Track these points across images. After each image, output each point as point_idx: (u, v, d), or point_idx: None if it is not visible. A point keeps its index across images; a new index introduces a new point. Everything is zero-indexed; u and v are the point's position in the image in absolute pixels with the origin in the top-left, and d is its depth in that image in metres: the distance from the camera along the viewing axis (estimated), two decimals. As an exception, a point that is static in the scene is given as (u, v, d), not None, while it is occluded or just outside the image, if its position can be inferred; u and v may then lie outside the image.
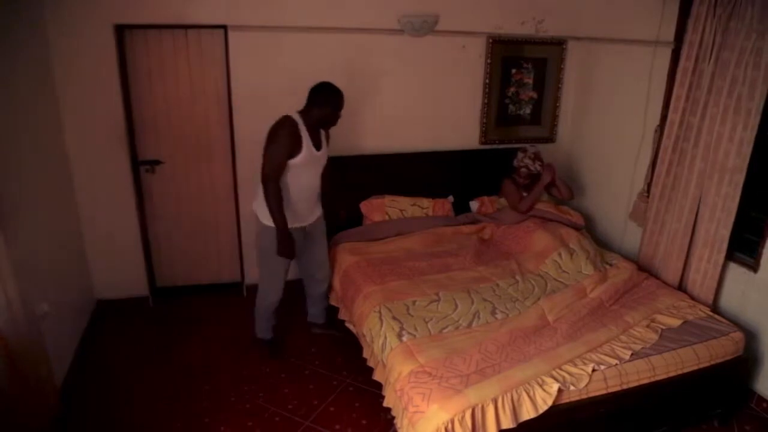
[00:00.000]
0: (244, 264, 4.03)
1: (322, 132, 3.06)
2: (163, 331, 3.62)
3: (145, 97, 3.57)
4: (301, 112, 2.93)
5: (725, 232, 3.01)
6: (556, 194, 3.89)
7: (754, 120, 2.81)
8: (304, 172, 2.95)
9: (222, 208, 3.93)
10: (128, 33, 3.42)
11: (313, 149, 2.93)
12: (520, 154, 3.79)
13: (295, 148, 2.83)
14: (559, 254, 3.38)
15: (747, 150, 2.86)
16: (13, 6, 2.73)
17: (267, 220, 2.95)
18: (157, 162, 3.72)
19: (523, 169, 3.76)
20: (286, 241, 2.90)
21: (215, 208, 3.93)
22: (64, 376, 2.96)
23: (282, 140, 2.80)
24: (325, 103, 2.91)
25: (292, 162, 2.85)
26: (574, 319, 2.78)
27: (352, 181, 3.77)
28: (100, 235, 3.64)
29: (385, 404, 2.52)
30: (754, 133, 2.82)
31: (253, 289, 4.03)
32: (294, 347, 3.46)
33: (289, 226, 2.91)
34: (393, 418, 2.45)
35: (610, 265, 3.44)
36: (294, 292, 4.06)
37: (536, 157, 3.75)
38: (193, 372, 3.18)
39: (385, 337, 2.65)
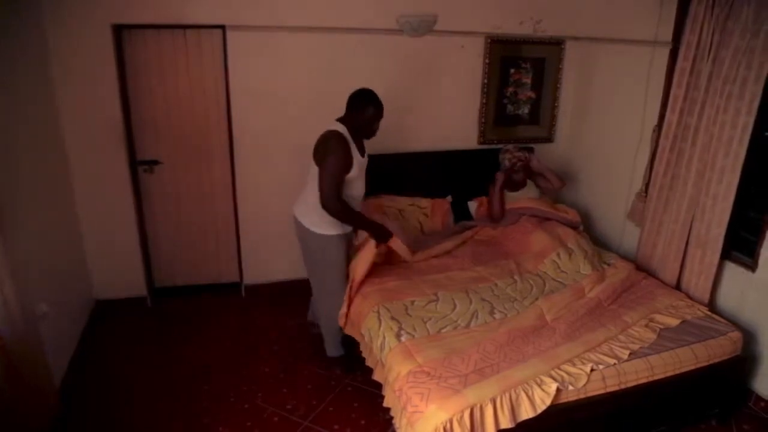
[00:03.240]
0: (242, 264, 4.03)
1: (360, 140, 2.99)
2: (162, 331, 3.63)
3: (143, 97, 3.57)
4: (344, 122, 2.86)
5: (719, 232, 3.01)
6: (546, 185, 3.88)
7: (745, 119, 2.81)
8: (355, 183, 2.89)
9: (220, 208, 3.93)
10: (127, 33, 3.42)
11: (360, 157, 2.87)
12: (501, 156, 3.86)
13: (349, 164, 2.77)
14: (558, 255, 3.38)
15: (738, 150, 2.86)
16: (12, 6, 2.73)
17: (324, 230, 2.88)
18: (155, 162, 3.72)
19: (507, 163, 3.81)
20: (380, 229, 3.01)
21: (214, 208, 3.92)
22: (63, 376, 2.96)
23: (340, 161, 2.73)
24: (365, 111, 2.84)
25: (347, 177, 2.81)
26: (572, 319, 2.79)
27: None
28: (98, 235, 3.64)
29: (385, 404, 2.53)
30: (747, 132, 2.82)
31: (252, 289, 4.06)
32: (293, 347, 3.46)
33: (339, 232, 2.93)
34: (392, 418, 2.46)
35: (608, 264, 3.45)
36: (293, 291, 4.08)
37: (506, 150, 3.83)
38: (192, 372, 3.18)
39: (384, 337, 2.65)
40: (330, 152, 2.73)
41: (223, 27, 3.47)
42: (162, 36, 3.47)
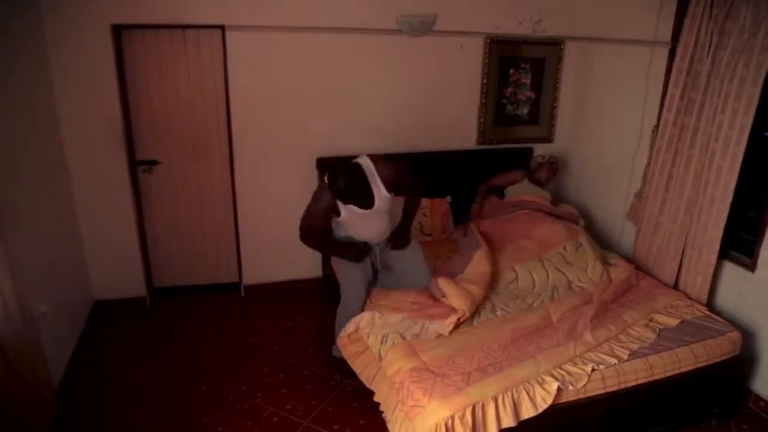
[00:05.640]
0: (242, 264, 4.02)
1: (376, 179, 2.68)
2: (162, 331, 3.62)
3: (142, 97, 3.56)
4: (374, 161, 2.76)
5: (716, 234, 3.01)
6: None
7: (743, 120, 2.81)
8: (357, 226, 2.84)
9: (220, 208, 3.92)
10: (126, 33, 3.41)
11: (357, 210, 2.69)
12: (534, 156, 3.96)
13: (332, 211, 2.72)
14: (565, 248, 3.37)
15: (736, 150, 2.86)
16: (11, 6, 2.72)
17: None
18: (154, 162, 3.72)
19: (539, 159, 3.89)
20: (352, 253, 2.93)
21: (213, 208, 3.92)
22: (61, 376, 2.96)
23: (314, 209, 2.74)
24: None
25: (337, 220, 2.80)
26: (575, 319, 2.79)
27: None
28: (97, 235, 3.63)
29: (376, 399, 2.55)
30: (745, 133, 2.81)
31: (252, 289, 4.06)
32: (292, 347, 3.45)
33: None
34: (383, 413, 2.46)
35: (610, 264, 3.44)
36: (293, 292, 4.08)
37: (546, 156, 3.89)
38: (191, 372, 3.17)
39: (387, 333, 2.66)
40: (313, 197, 2.74)
41: (222, 27, 3.46)
42: (161, 36, 3.47)
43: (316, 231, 2.81)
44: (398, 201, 2.95)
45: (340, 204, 2.67)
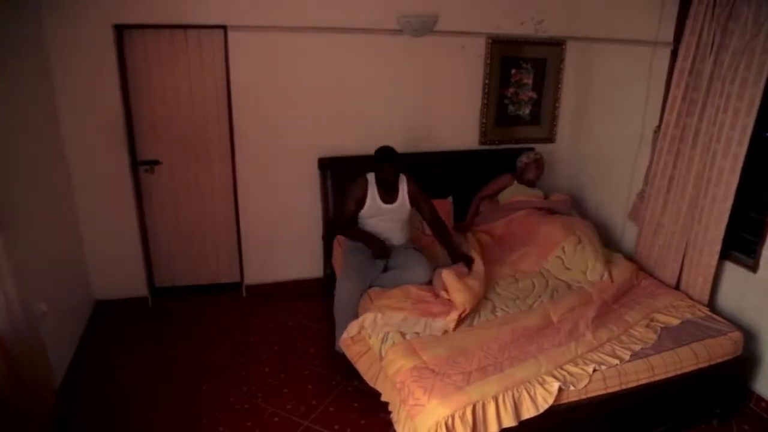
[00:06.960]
0: (243, 264, 4.02)
1: (404, 188, 3.23)
2: (162, 331, 3.62)
3: (144, 97, 3.56)
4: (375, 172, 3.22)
5: (717, 234, 3.00)
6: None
7: (744, 120, 2.80)
8: (376, 223, 3.22)
9: (221, 207, 3.92)
10: (127, 33, 3.41)
11: (380, 203, 3.18)
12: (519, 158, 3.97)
13: (361, 202, 3.17)
14: (563, 249, 3.35)
15: (738, 151, 2.85)
16: (11, 6, 2.72)
17: None
18: (156, 162, 3.72)
19: (525, 159, 3.94)
20: (376, 243, 3.15)
21: (214, 208, 3.92)
22: (62, 376, 2.95)
23: (348, 195, 3.18)
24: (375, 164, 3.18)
25: (360, 213, 3.20)
26: (576, 319, 2.79)
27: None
28: (98, 235, 3.63)
29: (383, 399, 2.54)
30: (747, 133, 2.81)
31: (253, 289, 4.05)
32: (293, 347, 3.45)
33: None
34: (390, 412, 2.46)
35: (611, 263, 3.43)
36: (294, 291, 4.08)
37: (525, 155, 3.96)
38: (192, 372, 3.17)
39: (387, 332, 2.66)
40: (346, 188, 3.24)
41: (224, 27, 3.46)
42: (162, 36, 3.47)
43: (348, 214, 3.20)
44: (413, 217, 3.43)
45: (368, 194, 3.15)
